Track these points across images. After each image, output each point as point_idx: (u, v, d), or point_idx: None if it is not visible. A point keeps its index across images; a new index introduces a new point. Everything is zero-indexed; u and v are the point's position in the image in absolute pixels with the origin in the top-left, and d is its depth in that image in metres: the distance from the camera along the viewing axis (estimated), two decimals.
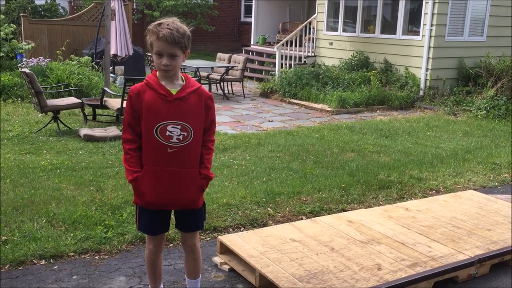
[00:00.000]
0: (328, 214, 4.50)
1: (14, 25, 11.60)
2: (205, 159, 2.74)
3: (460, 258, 3.44)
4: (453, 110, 9.92)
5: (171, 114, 2.58)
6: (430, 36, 10.74)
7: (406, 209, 4.38)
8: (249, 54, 15.59)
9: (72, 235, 3.85)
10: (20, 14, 14.69)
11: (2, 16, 11.46)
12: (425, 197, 5.07)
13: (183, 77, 2.69)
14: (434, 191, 5.37)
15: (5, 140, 6.89)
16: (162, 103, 2.58)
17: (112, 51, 10.54)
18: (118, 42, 10.68)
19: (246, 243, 3.54)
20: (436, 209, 4.38)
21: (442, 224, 4.03)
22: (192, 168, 2.68)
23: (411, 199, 5.05)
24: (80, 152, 6.43)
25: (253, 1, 16.79)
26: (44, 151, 6.41)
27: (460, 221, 4.12)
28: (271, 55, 14.55)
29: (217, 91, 11.88)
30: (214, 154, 4.36)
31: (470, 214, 4.28)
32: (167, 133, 2.58)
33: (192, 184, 2.69)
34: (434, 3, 10.61)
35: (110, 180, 5.19)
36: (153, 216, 2.72)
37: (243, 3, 22.33)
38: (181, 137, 2.60)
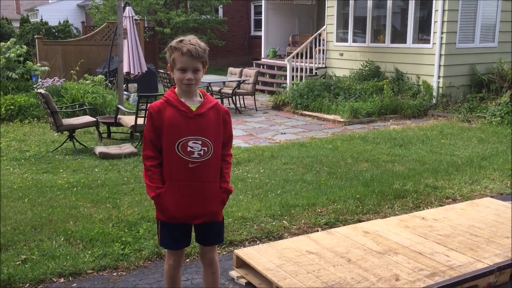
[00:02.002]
0: (344, 225, 4.48)
1: (25, 47, 11.80)
2: (225, 173, 2.81)
3: (479, 266, 3.40)
4: (467, 117, 9.85)
5: (191, 130, 2.64)
6: (441, 44, 10.71)
7: (423, 218, 4.35)
8: (260, 67, 15.68)
9: (90, 252, 3.89)
10: (35, 36, 15.01)
11: (12, 40, 11.67)
12: (441, 205, 5.03)
13: (200, 93, 2.75)
14: (450, 200, 5.32)
15: (23, 160, 7.00)
16: (183, 120, 2.64)
17: (125, 69, 10.70)
18: (131, 60, 10.84)
19: (262, 256, 3.54)
20: (453, 218, 4.34)
21: (460, 233, 3.99)
22: (213, 182, 2.74)
23: (427, 208, 5.01)
24: (96, 170, 6.50)
25: (263, 15, 16.95)
26: (61, 170, 6.50)
27: (478, 229, 4.07)
28: (282, 68, 14.62)
29: (229, 105, 11.95)
30: None
31: (488, 222, 4.23)
32: (188, 148, 2.64)
33: (213, 197, 2.74)
34: (444, 10, 10.60)
35: (126, 197, 5.24)
36: (175, 231, 2.75)
37: (252, 17, 22.54)
38: (201, 152, 2.66)
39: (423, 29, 11.41)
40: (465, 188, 5.62)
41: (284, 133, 9.34)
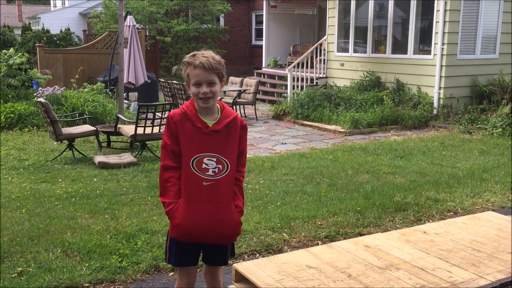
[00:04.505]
0: (344, 238, 4.43)
1: (27, 55, 11.79)
2: (239, 191, 2.70)
3: (481, 283, 3.35)
4: (468, 128, 9.82)
5: (207, 146, 2.55)
6: (442, 55, 10.71)
7: (424, 232, 4.30)
8: (260, 77, 15.69)
9: (87, 265, 3.84)
10: (36, 44, 15.03)
11: (13, 49, 11.68)
12: (443, 219, 4.98)
13: (219, 106, 2.65)
14: (452, 213, 5.28)
15: (21, 169, 6.96)
16: (198, 135, 2.55)
17: (125, 79, 10.66)
18: (131, 69, 10.81)
19: (262, 271, 3.49)
20: (455, 232, 4.29)
21: (462, 248, 3.94)
22: (228, 202, 2.62)
23: (428, 221, 4.96)
24: (95, 180, 6.46)
25: (264, 25, 16.98)
26: (60, 179, 6.46)
27: (480, 244, 4.02)
28: (283, 77, 14.62)
29: None
30: None
31: (490, 237, 4.18)
32: (203, 165, 2.55)
33: (227, 218, 2.62)
34: (444, 22, 10.61)
35: (125, 208, 5.20)
36: (184, 247, 2.64)
37: (253, 26, 22.59)
38: (216, 170, 2.56)
39: (424, 40, 11.42)
40: (467, 201, 5.58)
41: (285, 143, 9.31)
